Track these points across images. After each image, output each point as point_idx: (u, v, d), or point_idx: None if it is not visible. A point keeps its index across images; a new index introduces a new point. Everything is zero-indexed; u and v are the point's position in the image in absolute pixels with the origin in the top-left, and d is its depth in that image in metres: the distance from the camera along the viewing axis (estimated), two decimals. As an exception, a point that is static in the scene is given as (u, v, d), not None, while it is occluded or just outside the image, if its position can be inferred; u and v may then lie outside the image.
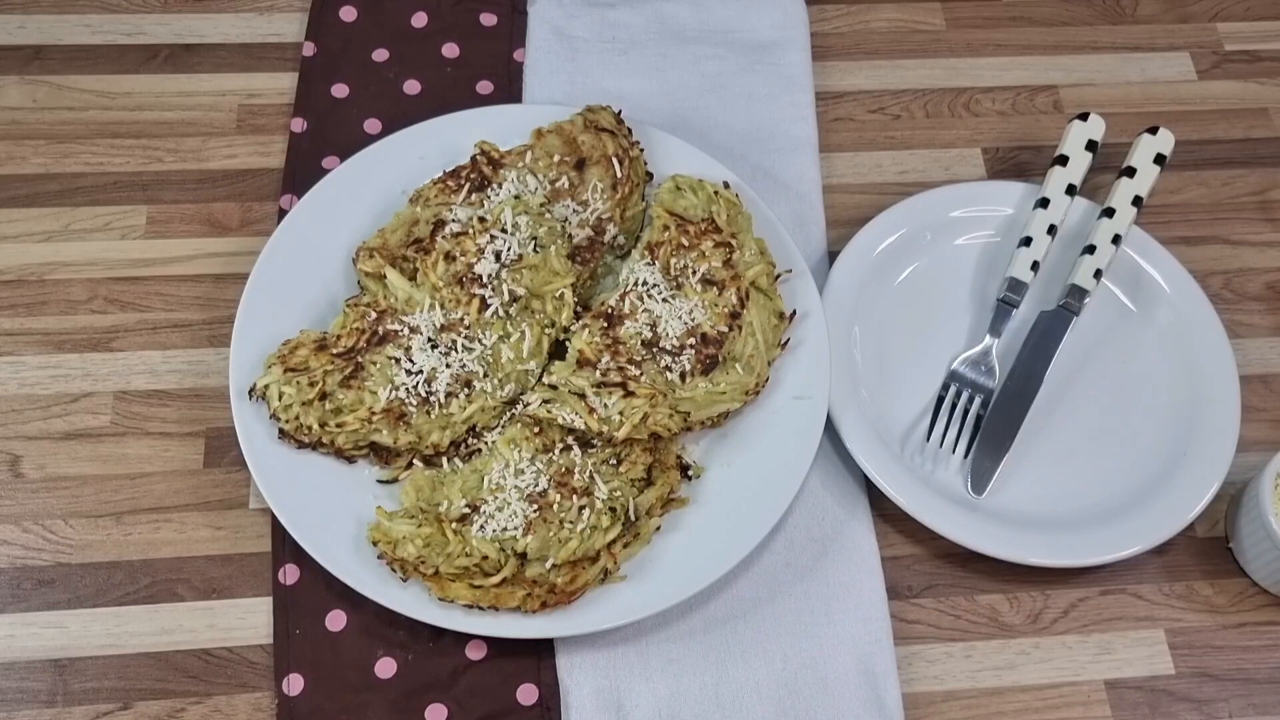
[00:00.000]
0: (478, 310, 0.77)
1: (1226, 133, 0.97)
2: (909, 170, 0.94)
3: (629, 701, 0.72)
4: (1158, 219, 0.92)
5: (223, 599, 0.74)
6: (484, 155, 0.84)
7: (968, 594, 0.78)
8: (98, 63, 0.94)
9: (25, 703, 0.71)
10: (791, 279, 0.83)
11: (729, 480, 0.77)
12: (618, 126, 0.85)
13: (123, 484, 0.78)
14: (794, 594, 0.76)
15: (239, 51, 0.95)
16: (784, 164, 0.92)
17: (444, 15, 0.97)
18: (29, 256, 0.85)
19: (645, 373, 0.76)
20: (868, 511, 0.79)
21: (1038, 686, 0.75)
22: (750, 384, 0.78)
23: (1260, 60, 1.01)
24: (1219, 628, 0.78)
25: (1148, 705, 0.75)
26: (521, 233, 0.79)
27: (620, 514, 0.73)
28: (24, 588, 0.74)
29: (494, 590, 0.71)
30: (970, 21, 1.02)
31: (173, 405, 0.80)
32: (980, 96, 0.98)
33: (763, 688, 0.73)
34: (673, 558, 0.74)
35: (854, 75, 0.98)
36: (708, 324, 0.79)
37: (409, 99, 0.93)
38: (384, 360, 0.76)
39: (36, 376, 0.81)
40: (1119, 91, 0.99)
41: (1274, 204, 0.94)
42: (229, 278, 0.84)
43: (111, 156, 0.89)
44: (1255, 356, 0.87)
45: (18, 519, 0.76)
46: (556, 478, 0.74)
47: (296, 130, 0.91)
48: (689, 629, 0.74)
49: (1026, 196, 0.90)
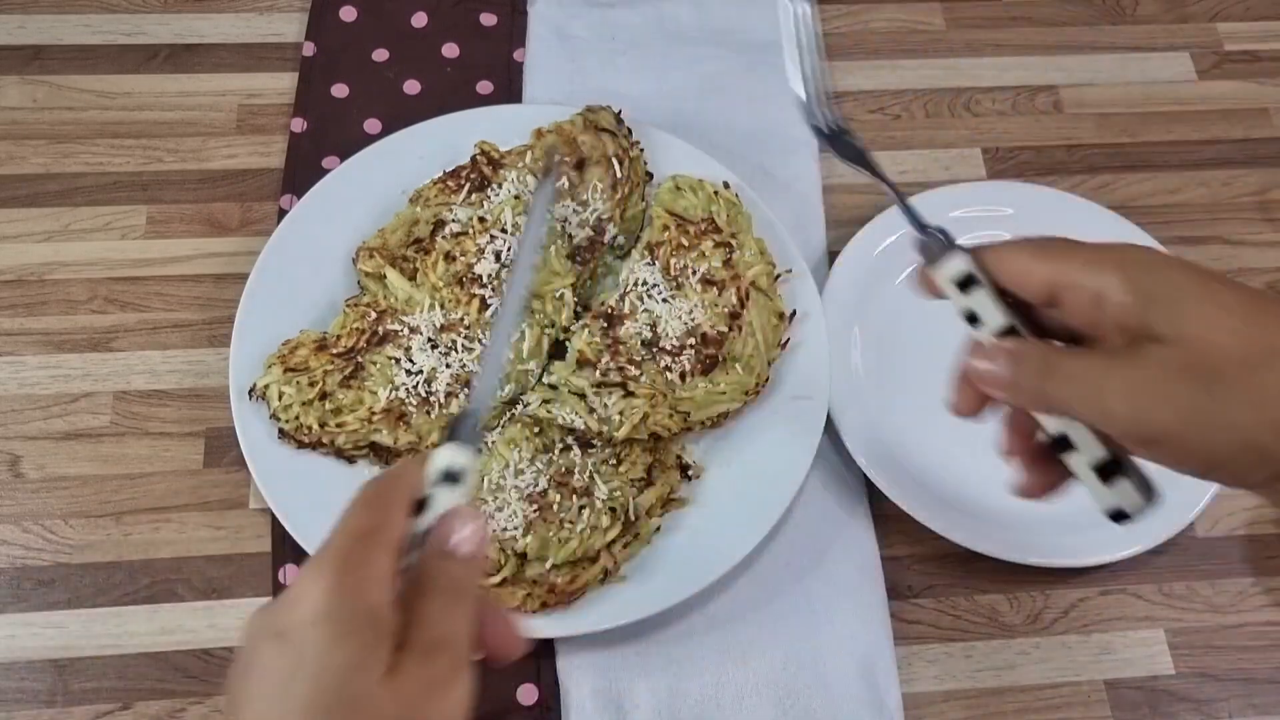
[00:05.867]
0: (478, 310, 0.77)
1: (1226, 133, 0.97)
2: (909, 170, 0.94)
3: (629, 701, 0.72)
4: (1158, 219, 0.92)
5: (223, 599, 0.74)
6: (484, 155, 0.84)
7: (967, 594, 0.78)
8: (98, 63, 0.93)
9: (25, 703, 0.71)
10: (791, 279, 0.83)
11: (729, 480, 0.77)
12: (617, 127, 0.85)
13: (122, 484, 0.78)
14: (794, 594, 0.76)
15: (239, 51, 0.95)
16: (784, 164, 0.92)
17: (444, 15, 0.97)
18: (29, 256, 0.85)
19: (645, 373, 0.76)
20: (868, 511, 0.79)
21: (1038, 686, 0.75)
22: (750, 384, 0.78)
23: (1260, 60, 1.01)
24: (1219, 628, 0.78)
25: (1148, 705, 0.75)
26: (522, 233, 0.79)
27: (620, 514, 0.73)
28: (24, 588, 0.74)
29: (493, 590, 0.71)
30: (970, 21, 1.02)
31: (172, 405, 0.80)
32: (980, 96, 0.98)
33: (763, 688, 0.73)
34: (673, 558, 0.74)
35: (854, 75, 0.98)
36: (708, 324, 0.79)
37: (409, 99, 0.93)
38: (384, 360, 0.76)
39: (36, 376, 0.81)
40: (1119, 91, 0.99)
41: (1274, 204, 0.94)
42: (229, 278, 0.84)
43: (111, 156, 0.89)
44: (1255, 356, 0.87)
45: (17, 519, 0.76)
46: (556, 478, 0.74)
47: (296, 130, 0.91)
48: (689, 629, 0.74)
49: (1027, 196, 0.90)
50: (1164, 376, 0.44)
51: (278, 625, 0.40)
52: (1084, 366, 0.46)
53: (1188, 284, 0.45)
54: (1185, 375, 0.44)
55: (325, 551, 0.42)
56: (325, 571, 0.41)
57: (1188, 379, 0.44)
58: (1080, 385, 0.46)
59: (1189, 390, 0.44)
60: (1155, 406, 0.44)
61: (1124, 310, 0.46)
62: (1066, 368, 0.47)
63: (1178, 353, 0.44)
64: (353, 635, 0.39)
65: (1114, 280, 0.46)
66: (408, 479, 0.45)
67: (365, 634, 0.40)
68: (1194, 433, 0.44)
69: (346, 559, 0.41)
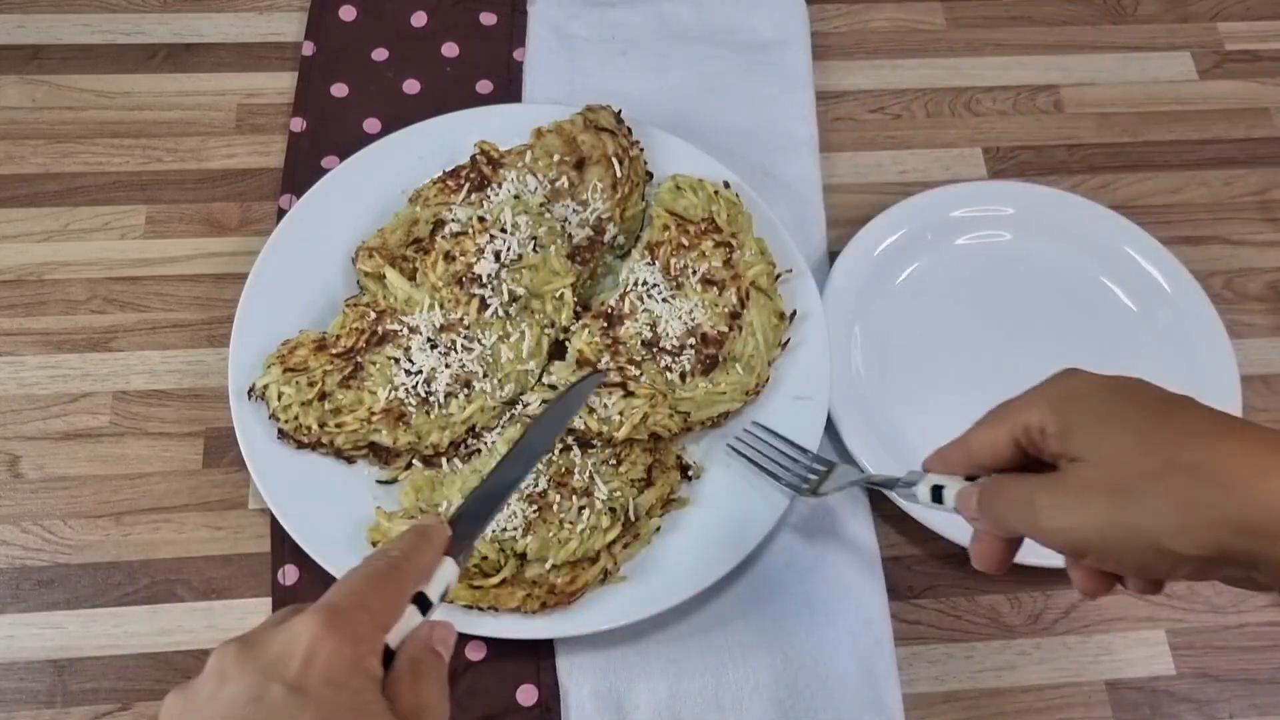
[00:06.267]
0: (477, 310, 0.77)
1: (1227, 132, 0.97)
2: (909, 170, 0.94)
3: (629, 702, 0.72)
4: (1158, 219, 0.92)
5: (222, 599, 0.74)
6: (484, 155, 0.84)
7: (968, 594, 0.78)
8: (97, 62, 0.93)
9: (24, 703, 0.71)
10: (791, 279, 0.83)
11: (729, 480, 0.77)
12: (618, 126, 0.85)
13: (122, 484, 0.77)
14: (794, 594, 0.76)
15: (238, 51, 0.95)
16: (784, 164, 0.91)
17: (444, 15, 0.97)
18: (28, 256, 0.85)
19: (645, 373, 0.76)
20: (868, 511, 0.79)
21: (1038, 687, 0.75)
22: (750, 384, 0.78)
23: (1261, 60, 1.01)
24: (1220, 628, 0.78)
25: (1148, 706, 0.75)
26: (521, 233, 0.78)
27: (620, 514, 0.73)
28: (23, 588, 0.74)
29: (493, 591, 0.70)
30: (971, 21, 1.02)
31: (172, 405, 0.80)
32: (981, 96, 0.98)
33: (763, 688, 0.73)
34: (673, 558, 0.74)
35: (854, 75, 0.98)
36: (708, 324, 0.78)
37: (409, 99, 0.93)
38: (383, 360, 0.76)
39: (36, 376, 0.81)
40: (1119, 91, 0.99)
41: (1275, 204, 0.94)
42: (228, 278, 0.84)
43: (111, 156, 0.89)
44: (1256, 357, 0.87)
45: (17, 519, 0.76)
46: (556, 478, 0.73)
47: (296, 130, 0.90)
48: (689, 629, 0.74)
49: (1027, 196, 0.89)
50: (1081, 494, 0.50)
51: (290, 677, 0.44)
52: (1021, 489, 0.52)
53: (1100, 406, 0.51)
54: (1097, 491, 0.49)
55: (338, 615, 0.46)
56: (339, 638, 0.45)
57: (1100, 494, 0.49)
58: (1017, 505, 0.52)
59: (1102, 505, 0.49)
60: (1075, 521, 0.50)
61: (1053, 438, 0.52)
62: (1010, 490, 0.53)
63: (1091, 471, 0.50)
64: (369, 706, 0.45)
65: (1044, 413, 0.52)
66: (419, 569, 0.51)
67: (377, 705, 0.45)
68: (1111, 542, 0.49)
69: (356, 630, 0.46)
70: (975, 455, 0.56)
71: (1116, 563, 0.50)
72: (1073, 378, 0.54)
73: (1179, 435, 0.49)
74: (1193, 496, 0.47)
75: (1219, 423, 0.50)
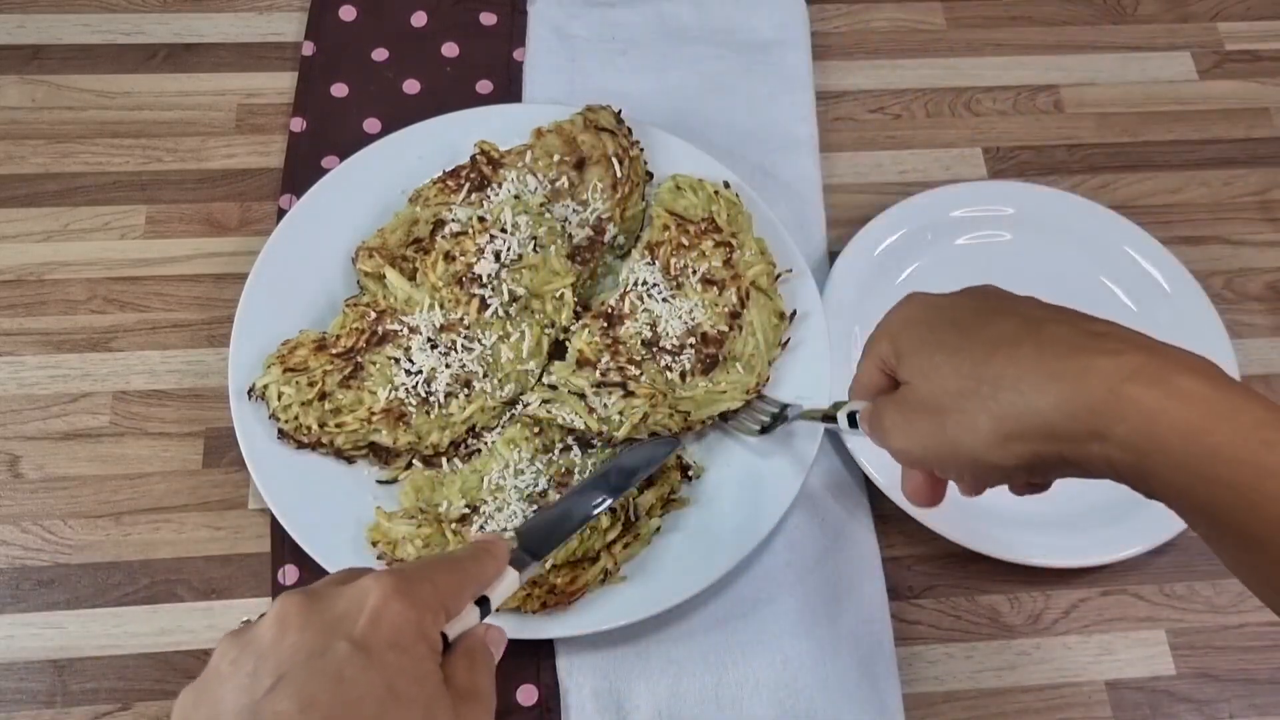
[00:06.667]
0: (477, 310, 0.77)
1: (1227, 132, 0.97)
2: (909, 170, 0.94)
3: (629, 702, 0.72)
4: (1158, 219, 0.92)
5: (222, 599, 0.74)
6: (484, 155, 0.84)
7: (968, 595, 0.78)
8: (97, 62, 0.93)
9: (24, 703, 0.71)
10: (791, 279, 0.83)
11: (729, 480, 0.77)
12: (618, 126, 0.85)
13: (122, 484, 0.77)
14: (794, 594, 0.76)
15: (238, 51, 0.95)
16: (784, 164, 0.92)
17: (444, 15, 0.97)
18: (28, 256, 0.85)
19: (645, 372, 0.76)
20: (868, 511, 0.79)
21: (1038, 687, 0.75)
22: (750, 384, 0.78)
23: (1261, 60, 1.01)
24: (1220, 628, 0.78)
25: (1149, 706, 0.75)
26: (521, 233, 0.78)
27: (620, 514, 0.73)
28: (23, 588, 0.74)
29: (493, 591, 0.70)
30: (971, 21, 1.02)
31: (172, 405, 0.80)
32: (981, 96, 0.98)
33: (763, 688, 0.73)
34: (673, 558, 0.74)
35: (854, 75, 0.98)
36: (708, 323, 0.79)
37: (409, 99, 0.93)
38: (383, 360, 0.76)
39: (35, 376, 0.81)
40: (1119, 91, 0.99)
41: (1275, 204, 0.94)
42: (228, 278, 0.84)
43: (111, 156, 0.89)
44: (1256, 357, 0.87)
45: (17, 519, 0.76)
46: (556, 478, 0.73)
47: (296, 130, 0.90)
48: (689, 629, 0.74)
49: (1027, 196, 0.89)
50: (909, 415, 0.54)
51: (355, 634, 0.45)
52: (877, 411, 0.57)
53: (924, 331, 0.55)
54: (921, 412, 0.53)
55: (407, 581, 0.47)
56: (406, 602, 0.46)
57: (923, 415, 0.53)
58: (877, 427, 0.57)
59: (926, 425, 0.53)
60: (908, 442, 0.55)
61: (894, 366, 0.56)
62: (874, 414, 0.58)
63: (915, 393, 0.54)
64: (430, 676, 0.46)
65: (887, 345, 0.57)
66: (481, 572, 0.53)
67: (436, 676, 0.46)
68: (942, 458, 0.53)
69: (422, 598, 0.47)
70: (861, 383, 0.60)
71: (956, 476, 0.55)
72: (910, 304, 0.58)
73: (986, 347, 0.51)
74: (999, 410, 0.49)
75: (1025, 328, 0.51)
